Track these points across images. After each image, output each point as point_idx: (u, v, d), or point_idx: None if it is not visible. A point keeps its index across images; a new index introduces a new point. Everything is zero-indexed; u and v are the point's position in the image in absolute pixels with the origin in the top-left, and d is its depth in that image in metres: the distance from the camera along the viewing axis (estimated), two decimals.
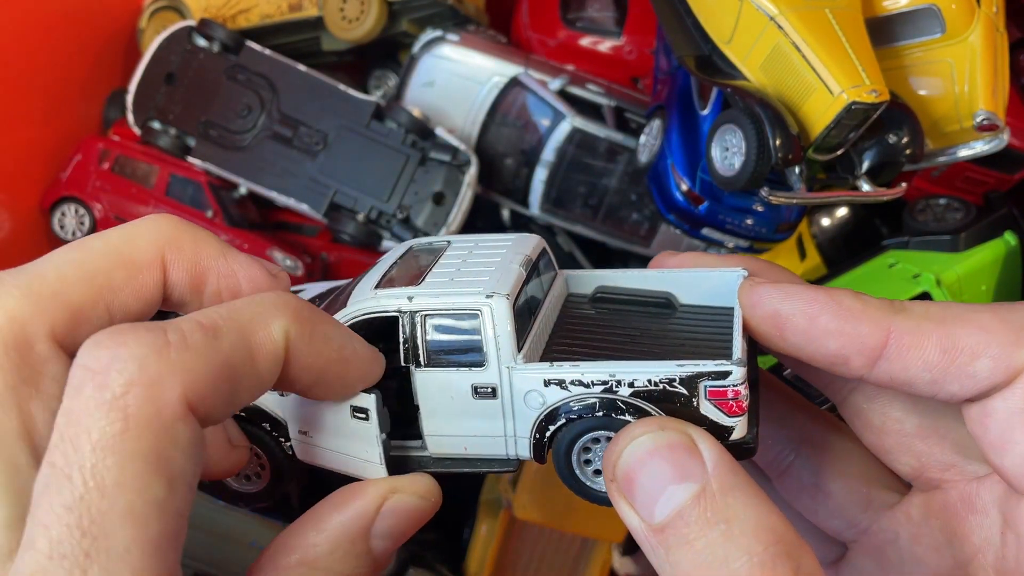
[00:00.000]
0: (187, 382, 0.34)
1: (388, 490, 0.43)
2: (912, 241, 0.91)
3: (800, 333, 0.43)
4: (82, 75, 1.04)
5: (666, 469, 0.38)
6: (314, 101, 0.97)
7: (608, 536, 0.97)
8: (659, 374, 0.43)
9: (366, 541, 0.42)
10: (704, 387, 0.42)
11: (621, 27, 1.08)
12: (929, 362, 0.41)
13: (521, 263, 0.49)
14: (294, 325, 0.39)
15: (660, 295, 0.53)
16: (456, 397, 0.46)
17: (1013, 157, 0.91)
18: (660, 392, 0.43)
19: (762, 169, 0.69)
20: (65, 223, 0.98)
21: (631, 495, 0.39)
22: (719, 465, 0.38)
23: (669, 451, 0.39)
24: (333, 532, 0.41)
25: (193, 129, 0.99)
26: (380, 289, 0.47)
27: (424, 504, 0.44)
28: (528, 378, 0.45)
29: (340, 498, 0.43)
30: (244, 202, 1.02)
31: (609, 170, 0.98)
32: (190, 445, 0.34)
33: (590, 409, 0.44)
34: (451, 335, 0.45)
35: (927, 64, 0.75)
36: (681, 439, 0.39)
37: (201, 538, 0.93)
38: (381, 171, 0.97)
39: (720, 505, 0.36)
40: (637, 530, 0.39)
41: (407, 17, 1.03)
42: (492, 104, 1.00)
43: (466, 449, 0.48)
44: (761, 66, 0.72)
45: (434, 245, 0.54)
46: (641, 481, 0.38)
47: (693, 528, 0.36)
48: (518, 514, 0.94)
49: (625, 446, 0.40)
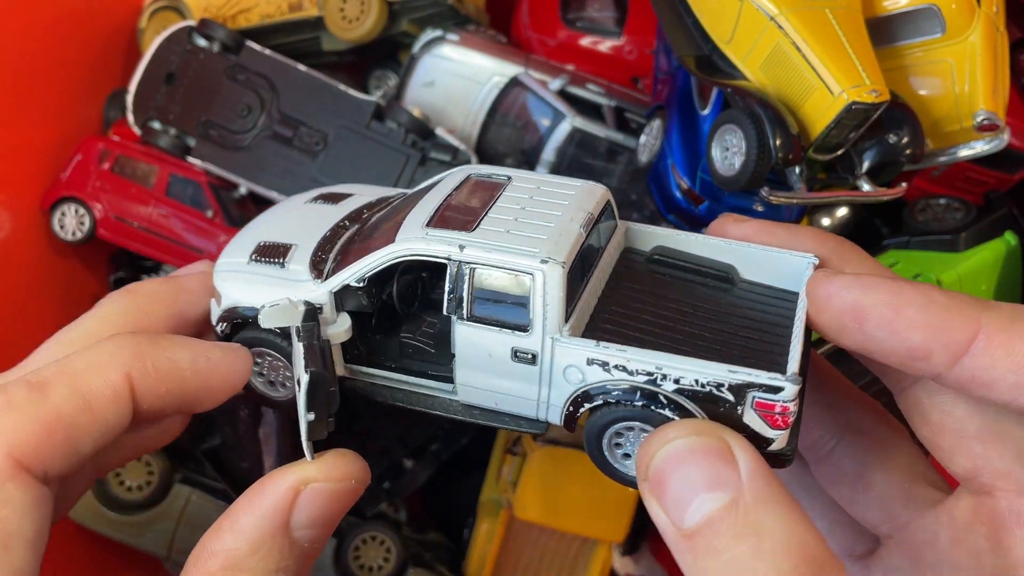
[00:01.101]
0: (11, 442, 0.35)
1: (299, 481, 0.42)
2: (912, 241, 0.91)
3: (883, 326, 0.41)
4: (82, 75, 1.04)
5: (699, 475, 0.37)
6: (314, 101, 0.97)
7: (608, 536, 0.97)
8: (708, 376, 0.41)
9: (287, 535, 0.41)
10: (752, 397, 0.41)
11: (621, 27, 1.08)
12: (1018, 362, 0.39)
13: (583, 223, 0.46)
14: (135, 363, 0.40)
15: (720, 267, 0.50)
16: (494, 356, 0.45)
17: (1013, 157, 0.91)
18: (705, 394, 0.41)
19: (762, 169, 0.69)
20: (65, 223, 0.98)
21: (662, 497, 0.38)
22: (754, 476, 0.37)
23: (704, 457, 0.38)
24: (251, 533, 0.41)
25: (193, 129, 0.99)
26: (432, 228, 0.46)
27: (343, 487, 0.44)
28: (571, 353, 0.43)
29: (252, 495, 0.42)
30: (244, 202, 1.02)
31: (609, 170, 0.98)
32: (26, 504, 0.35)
33: (630, 396, 0.42)
34: (498, 293, 0.44)
35: (927, 64, 0.75)
36: (717, 445, 0.38)
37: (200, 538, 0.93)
38: (381, 171, 0.97)
39: (752, 518, 0.35)
40: (665, 531, 0.38)
41: (407, 17, 1.03)
42: (492, 104, 1.00)
43: (497, 404, 0.47)
44: (761, 66, 0.72)
45: (494, 178, 0.52)
46: (673, 484, 0.38)
47: (722, 539, 0.35)
48: (518, 514, 0.94)
49: (660, 447, 0.39)
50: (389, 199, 0.57)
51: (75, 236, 0.98)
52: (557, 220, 0.46)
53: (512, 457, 0.96)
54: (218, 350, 0.46)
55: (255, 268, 0.51)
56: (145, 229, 0.98)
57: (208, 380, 0.45)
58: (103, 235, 0.98)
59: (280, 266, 0.50)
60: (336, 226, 0.54)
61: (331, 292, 0.47)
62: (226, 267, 0.52)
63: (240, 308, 0.49)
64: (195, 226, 0.97)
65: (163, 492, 0.93)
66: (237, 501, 0.42)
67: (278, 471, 0.43)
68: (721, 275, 0.50)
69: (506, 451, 0.98)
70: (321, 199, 0.59)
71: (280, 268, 0.50)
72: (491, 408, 0.47)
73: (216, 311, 0.51)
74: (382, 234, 0.49)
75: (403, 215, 0.49)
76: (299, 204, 0.59)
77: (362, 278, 0.47)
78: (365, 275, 0.47)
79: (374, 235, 0.50)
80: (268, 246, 0.52)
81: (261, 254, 0.52)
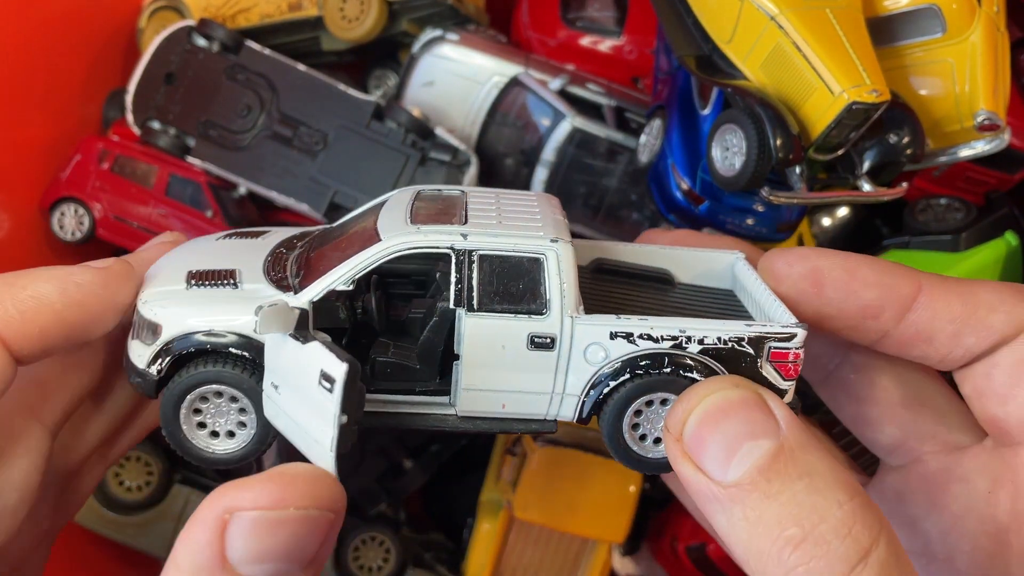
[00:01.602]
0: None
1: (222, 511, 0.35)
2: (913, 241, 0.91)
3: (839, 286, 0.45)
4: (82, 75, 1.04)
5: (742, 427, 0.38)
6: (314, 101, 0.97)
7: (608, 536, 0.96)
8: (729, 332, 0.42)
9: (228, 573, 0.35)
10: (769, 348, 0.42)
11: (621, 27, 1.08)
12: (954, 313, 0.43)
13: (562, 215, 0.47)
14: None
15: (658, 271, 0.52)
16: (508, 347, 0.43)
17: (1014, 157, 0.91)
18: (728, 351, 0.42)
19: (763, 169, 0.69)
20: (64, 223, 0.98)
21: (700, 454, 0.38)
22: (791, 423, 0.38)
23: (745, 409, 0.39)
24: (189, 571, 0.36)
25: (193, 129, 0.99)
26: (423, 225, 0.44)
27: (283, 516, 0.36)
28: (592, 330, 0.43)
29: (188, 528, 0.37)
30: (243, 202, 1.01)
31: (609, 170, 0.98)
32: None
33: (658, 364, 0.42)
34: (509, 279, 0.43)
35: (928, 64, 0.75)
36: (755, 397, 0.39)
37: None
38: (381, 171, 0.96)
39: (800, 460, 0.37)
40: (704, 490, 0.38)
41: (407, 17, 1.03)
42: (492, 104, 1.00)
43: (504, 407, 0.45)
44: (762, 66, 0.72)
45: (445, 192, 0.51)
46: (714, 439, 0.38)
47: (774, 481, 0.36)
48: (518, 514, 0.94)
49: (695, 404, 0.39)
50: (315, 231, 0.53)
51: (74, 236, 0.98)
52: (540, 214, 0.46)
53: (512, 457, 0.96)
54: (88, 271, 0.42)
55: (200, 292, 0.45)
56: (145, 229, 0.98)
57: (86, 306, 0.42)
58: (102, 235, 0.97)
59: (233, 286, 0.45)
60: (274, 251, 0.50)
61: (311, 302, 0.43)
62: (159, 295, 0.45)
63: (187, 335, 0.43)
64: (195, 226, 0.97)
65: (162, 493, 0.93)
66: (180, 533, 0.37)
67: (213, 493, 0.37)
68: (660, 277, 0.52)
69: (506, 451, 0.98)
70: (235, 235, 0.54)
71: (234, 288, 0.45)
72: (496, 415, 0.45)
73: (145, 350, 0.44)
74: (351, 245, 0.46)
75: (367, 228, 0.46)
76: (210, 241, 0.54)
77: (351, 280, 0.44)
78: (354, 276, 0.44)
79: (338, 249, 0.47)
80: (204, 272, 0.46)
81: (201, 279, 0.46)
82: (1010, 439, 0.43)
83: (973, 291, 0.44)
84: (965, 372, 0.45)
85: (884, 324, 0.44)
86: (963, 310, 0.43)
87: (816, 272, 0.45)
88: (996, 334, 0.43)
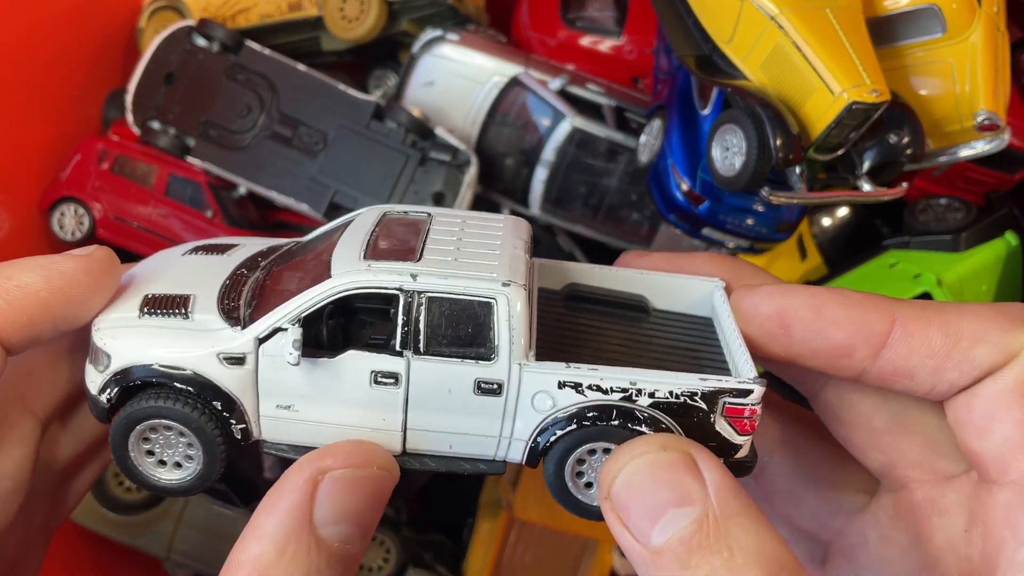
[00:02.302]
0: None
1: (315, 472, 0.39)
2: (913, 241, 0.91)
3: (806, 326, 0.43)
4: (82, 75, 1.04)
5: (666, 492, 0.37)
6: (314, 101, 0.97)
7: (608, 536, 0.96)
8: (681, 387, 0.41)
9: (312, 534, 0.38)
10: (723, 404, 0.41)
11: (621, 27, 1.08)
12: (933, 347, 0.41)
13: (524, 248, 0.45)
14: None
15: (633, 297, 0.51)
16: (455, 391, 0.42)
17: (1014, 157, 0.91)
18: (679, 406, 0.41)
19: (763, 169, 0.69)
20: (64, 223, 0.98)
21: (627, 515, 0.38)
22: (722, 489, 0.37)
23: (671, 473, 0.38)
24: (274, 536, 0.38)
25: (193, 129, 0.99)
26: (374, 261, 0.43)
27: (364, 474, 0.40)
28: (541, 378, 0.42)
29: (271, 495, 0.40)
30: (243, 202, 1.01)
31: (609, 170, 0.98)
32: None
33: (606, 417, 0.41)
34: (458, 322, 0.42)
35: (928, 64, 0.75)
36: (684, 460, 0.38)
37: (201, 538, 0.93)
38: (381, 171, 0.96)
39: (723, 531, 0.35)
40: (631, 550, 0.38)
41: (407, 17, 1.02)
42: (492, 104, 1.00)
43: (451, 447, 0.44)
44: (762, 66, 0.72)
45: (411, 215, 0.49)
46: (639, 502, 0.37)
47: (695, 554, 0.35)
48: (518, 514, 0.94)
49: (623, 465, 0.39)
50: (282, 246, 0.52)
51: (74, 236, 0.98)
52: (500, 248, 0.45)
53: None
54: (71, 259, 0.43)
55: (151, 321, 0.44)
56: (144, 229, 0.98)
57: (71, 294, 0.42)
58: (102, 235, 0.97)
59: (184, 316, 0.44)
60: (234, 274, 0.48)
61: (256, 339, 0.43)
62: (112, 323, 0.44)
63: (135, 368, 0.43)
64: (194, 226, 0.97)
65: None
66: (259, 506, 0.40)
67: (294, 466, 0.40)
68: (635, 304, 0.51)
69: None
70: (202, 250, 0.53)
71: (184, 319, 0.44)
72: (444, 453, 0.44)
73: (97, 377, 0.44)
74: (305, 274, 0.45)
75: (323, 254, 0.45)
76: (176, 256, 0.52)
77: (296, 319, 0.42)
78: (300, 315, 0.42)
79: (294, 277, 0.46)
80: (159, 298, 0.45)
81: (154, 306, 0.45)
82: (987, 475, 0.41)
83: (955, 320, 0.41)
84: (949, 401, 0.43)
85: (859, 363, 0.42)
86: (944, 343, 0.41)
87: (782, 313, 0.43)
88: (980, 368, 0.41)
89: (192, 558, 0.94)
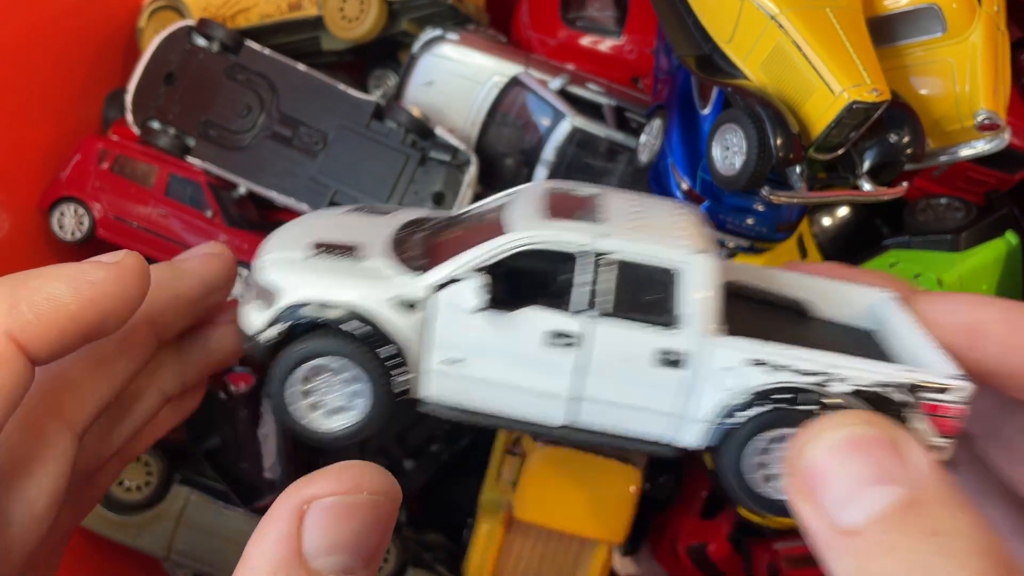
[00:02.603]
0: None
1: (300, 501, 0.36)
2: (913, 241, 0.91)
3: (999, 342, 0.39)
4: (81, 75, 1.04)
5: (869, 468, 0.33)
6: (314, 101, 0.97)
7: (608, 536, 0.96)
8: (881, 376, 0.39)
9: (303, 566, 0.36)
10: (926, 399, 0.39)
11: (621, 26, 1.08)
12: None
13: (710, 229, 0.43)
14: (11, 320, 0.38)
15: (790, 300, 0.48)
16: (632, 360, 0.40)
17: (1014, 157, 0.91)
18: (876, 396, 0.39)
19: (763, 169, 0.69)
20: (64, 223, 0.98)
21: (818, 490, 0.34)
22: (931, 472, 0.33)
23: (877, 449, 0.34)
24: (261, 570, 0.36)
25: (193, 129, 0.99)
26: (558, 220, 0.42)
27: (357, 500, 0.37)
28: (732, 354, 0.39)
29: (260, 525, 0.37)
30: (243, 202, 1.01)
31: (609, 170, 0.97)
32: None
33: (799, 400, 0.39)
34: (645, 287, 0.40)
35: (928, 63, 0.75)
36: (889, 439, 0.34)
37: (201, 538, 0.93)
38: (381, 171, 0.96)
39: (934, 514, 0.32)
40: (817, 532, 0.34)
41: (407, 16, 1.02)
42: (492, 104, 1.00)
43: (616, 423, 0.42)
44: (762, 65, 0.72)
45: (580, 190, 0.48)
46: (836, 476, 0.34)
47: (899, 536, 0.32)
48: (518, 514, 0.94)
49: (819, 435, 0.35)
50: (435, 217, 0.51)
51: (74, 236, 0.98)
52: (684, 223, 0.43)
53: (512, 457, 0.96)
54: (100, 269, 0.41)
55: (323, 261, 0.44)
56: (144, 229, 0.98)
57: (100, 304, 0.40)
58: (102, 235, 0.97)
59: (356, 260, 0.44)
60: (399, 231, 0.48)
61: (433, 286, 0.42)
62: (279, 261, 0.44)
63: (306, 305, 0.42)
64: (194, 226, 0.97)
65: (162, 493, 0.93)
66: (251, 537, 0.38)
67: (280, 495, 0.38)
68: (793, 307, 0.48)
69: (506, 451, 0.98)
70: (362, 210, 0.53)
71: (357, 262, 0.43)
72: (607, 429, 0.42)
73: (260, 314, 0.43)
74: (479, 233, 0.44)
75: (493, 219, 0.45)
76: (334, 215, 0.53)
77: (476, 269, 0.41)
78: (478, 266, 0.42)
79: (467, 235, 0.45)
80: (328, 244, 0.45)
81: (322, 249, 0.45)
82: None
83: None
84: None
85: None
86: None
87: (974, 325, 0.40)
88: None
89: (192, 558, 0.94)
